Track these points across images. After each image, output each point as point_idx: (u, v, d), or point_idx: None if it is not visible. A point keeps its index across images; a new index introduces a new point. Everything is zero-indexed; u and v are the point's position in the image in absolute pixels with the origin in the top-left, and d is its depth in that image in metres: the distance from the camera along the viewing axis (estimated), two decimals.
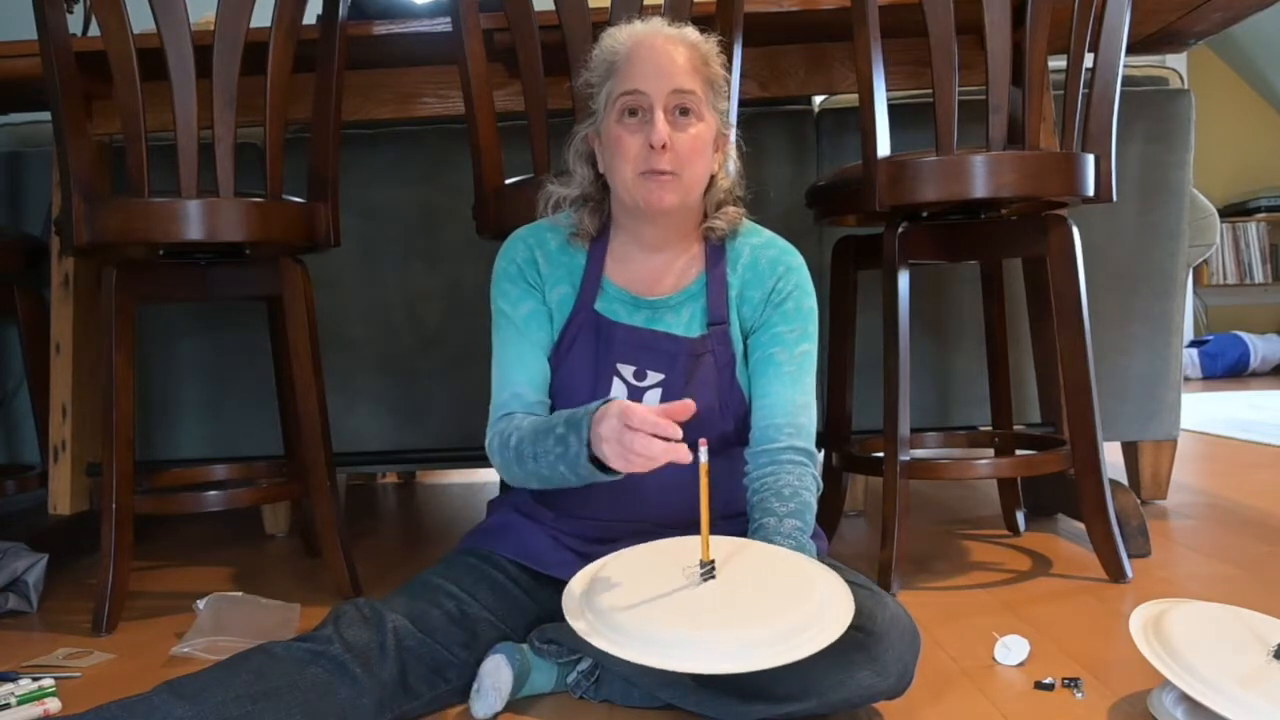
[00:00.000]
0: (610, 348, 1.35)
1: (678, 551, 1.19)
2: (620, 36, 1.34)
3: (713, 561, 1.13)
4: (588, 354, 1.35)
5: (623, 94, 1.30)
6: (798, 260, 1.41)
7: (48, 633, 1.68)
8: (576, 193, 1.40)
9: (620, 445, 1.13)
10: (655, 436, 1.11)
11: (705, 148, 1.32)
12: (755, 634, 1.05)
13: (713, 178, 1.37)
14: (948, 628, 1.49)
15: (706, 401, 1.33)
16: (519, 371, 1.37)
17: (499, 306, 1.40)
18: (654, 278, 1.39)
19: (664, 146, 1.27)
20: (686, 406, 1.14)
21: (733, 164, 1.41)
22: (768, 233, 1.44)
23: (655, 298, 1.38)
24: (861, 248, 1.96)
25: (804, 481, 1.33)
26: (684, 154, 1.29)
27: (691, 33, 1.34)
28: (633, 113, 1.30)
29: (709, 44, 1.35)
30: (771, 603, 1.09)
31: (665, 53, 1.30)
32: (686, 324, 1.37)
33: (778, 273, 1.38)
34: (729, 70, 1.39)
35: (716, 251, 1.39)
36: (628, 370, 1.35)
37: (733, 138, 1.41)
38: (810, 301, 1.40)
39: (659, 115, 1.28)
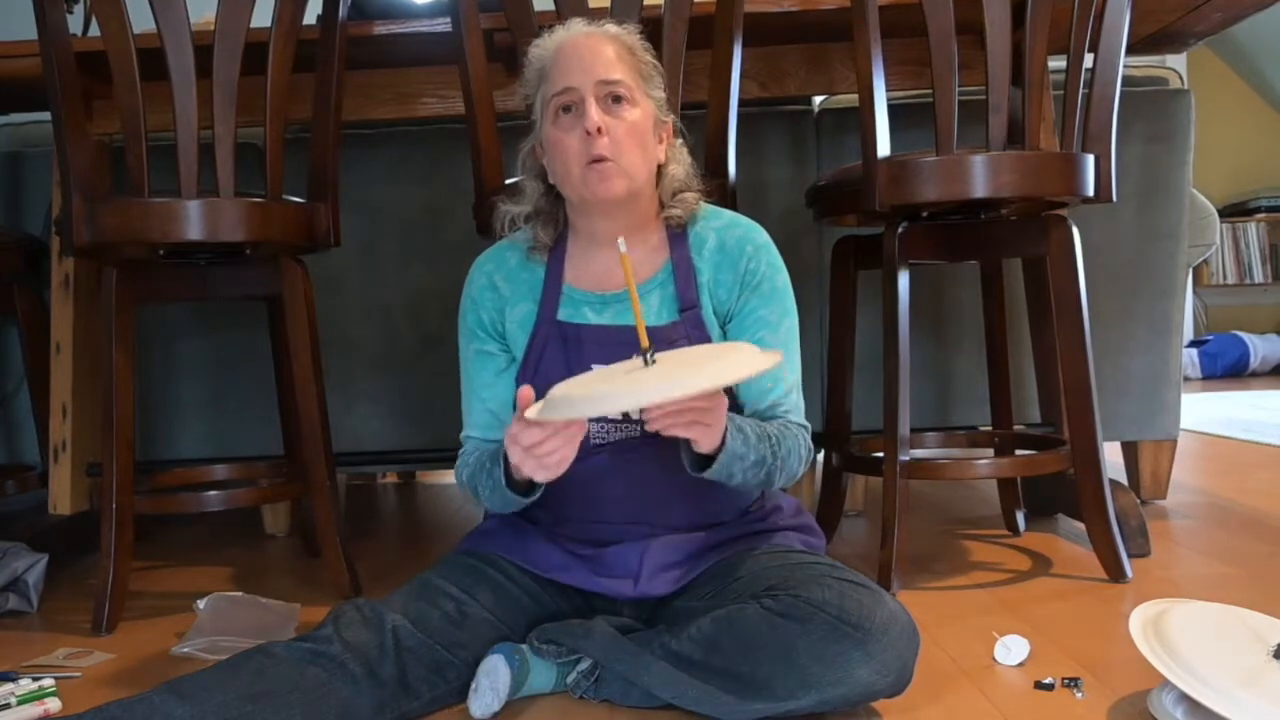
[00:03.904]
0: (581, 351, 1.34)
1: (623, 365, 1.23)
2: (545, 44, 1.36)
3: (650, 347, 1.15)
4: (559, 363, 1.35)
5: (554, 95, 1.31)
6: (764, 237, 1.40)
7: (48, 633, 1.68)
8: (529, 208, 1.41)
9: (537, 462, 1.17)
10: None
11: (643, 133, 1.32)
12: (684, 373, 1.08)
13: (661, 167, 1.37)
14: (948, 628, 1.49)
15: None
16: (469, 413, 1.42)
17: (459, 342, 1.43)
18: (618, 273, 1.38)
19: (600, 131, 1.28)
20: (524, 394, 1.17)
21: (684, 159, 1.41)
22: (728, 213, 1.43)
23: (621, 291, 1.37)
24: (861, 248, 1.96)
25: (792, 430, 1.34)
26: (621, 139, 1.30)
27: (612, 27, 1.36)
28: (566, 110, 1.31)
29: (631, 36, 1.37)
30: (701, 357, 1.14)
31: (588, 47, 1.32)
32: (656, 312, 1.36)
33: (746, 253, 1.37)
34: (658, 59, 1.40)
35: (679, 238, 1.39)
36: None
37: (676, 129, 1.41)
38: (783, 278, 1.39)
39: (590, 104, 1.29)
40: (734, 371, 1.09)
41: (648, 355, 1.14)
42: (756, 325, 1.37)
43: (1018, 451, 2.00)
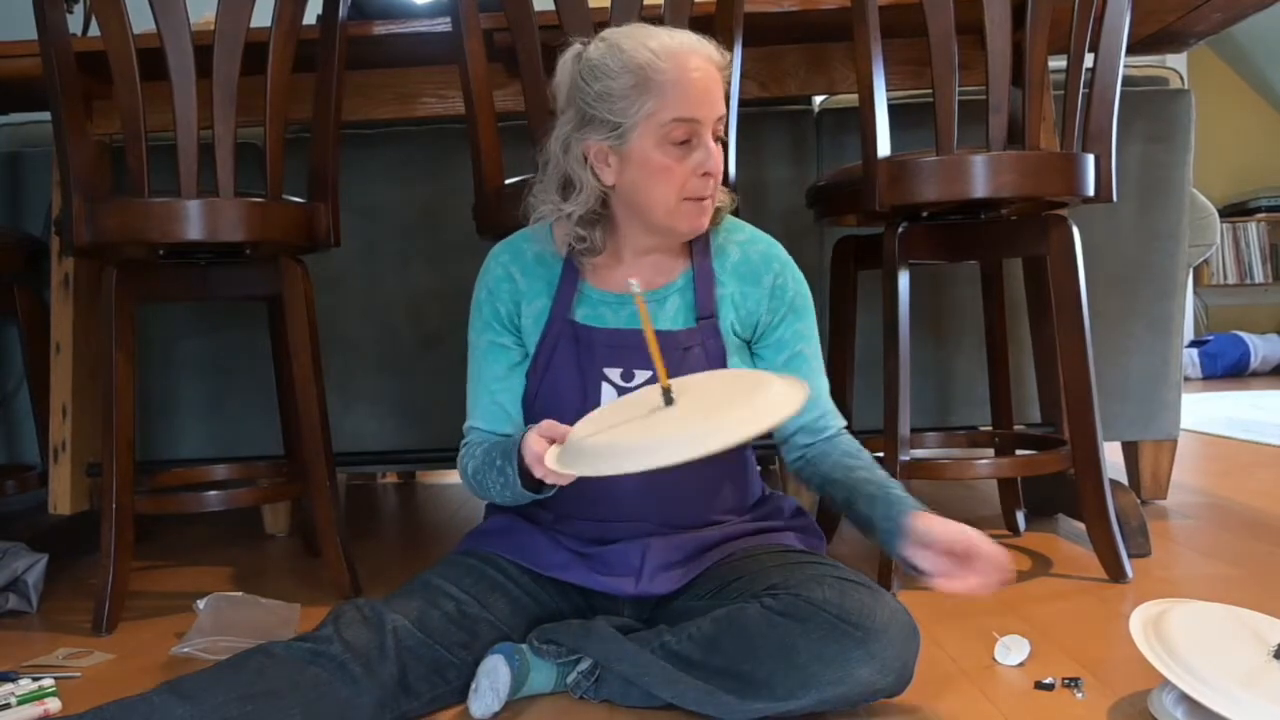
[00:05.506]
0: (594, 353, 1.34)
1: (642, 397, 1.22)
2: (656, 49, 1.27)
3: (669, 387, 1.16)
4: (570, 363, 1.35)
5: (676, 120, 1.26)
6: (785, 253, 1.43)
7: (48, 633, 1.68)
8: (579, 210, 1.33)
9: (560, 477, 1.17)
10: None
11: None
12: (707, 425, 1.07)
13: None
14: (948, 627, 1.49)
15: None
16: (476, 405, 1.40)
17: (470, 334, 1.42)
18: (638, 275, 1.37)
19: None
20: (560, 430, 1.19)
21: None
22: (748, 227, 1.44)
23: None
24: (861, 248, 1.96)
25: (854, 444, 1.39)
26: (720, 176, 1.31)
27: (715, 51, 1.30)
28: (684, 139, 1.27)
29: (723, 61, 1.32)
30: (724, 399, 1.13)
31: (711, 77, 1.28)
32: (672, 317, 1.36)
33: (773, 269, 1.39)
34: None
35: (701, 246, 1.39)
36: (614, 373, 1.34)
37: None
38: (807, 290, 1.43)
39: (711, 143, 1.28)
40: (761, 421, 1.07)
41: (668, 394, 1.15)
42: (795, 339, 1.39)
43: (1018, 451, 2.00)
